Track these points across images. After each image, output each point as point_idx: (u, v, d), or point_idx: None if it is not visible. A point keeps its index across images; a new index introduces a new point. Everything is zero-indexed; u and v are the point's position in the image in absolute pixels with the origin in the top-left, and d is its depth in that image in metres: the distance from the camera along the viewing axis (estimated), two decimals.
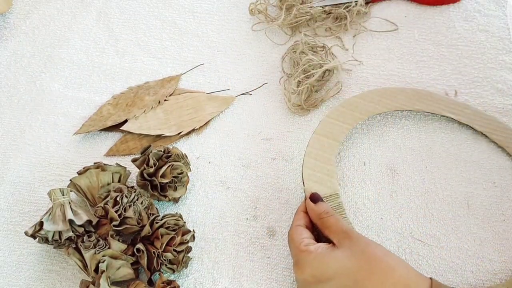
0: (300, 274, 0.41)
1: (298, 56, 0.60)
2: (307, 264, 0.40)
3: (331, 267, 0.39)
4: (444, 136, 0.55)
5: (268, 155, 0.56)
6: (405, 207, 0.51)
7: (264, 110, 0.59)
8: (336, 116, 0.52)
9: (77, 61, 0.66)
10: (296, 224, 0.44)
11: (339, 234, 0.41)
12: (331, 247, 0.41)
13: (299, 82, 0.58)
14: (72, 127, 0.59)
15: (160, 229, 0.46)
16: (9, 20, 0.70)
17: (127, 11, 0.70)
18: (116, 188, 0.48)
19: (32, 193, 0.55)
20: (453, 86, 0.58)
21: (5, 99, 0.63)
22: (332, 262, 0.39)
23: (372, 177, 0.53)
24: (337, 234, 0.41)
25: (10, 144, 0.59)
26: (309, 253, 0.40)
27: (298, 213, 0.46)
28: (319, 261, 0.40)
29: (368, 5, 0.65)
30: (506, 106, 0.56)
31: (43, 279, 0.49)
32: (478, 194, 0.51)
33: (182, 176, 0.51)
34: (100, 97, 0.62)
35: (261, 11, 0.66)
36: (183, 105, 0.60)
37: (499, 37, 0.60)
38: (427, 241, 0.48)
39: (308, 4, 0.64)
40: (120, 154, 0.57)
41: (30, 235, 0.47)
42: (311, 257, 0.40)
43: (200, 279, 0.48)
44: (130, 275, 0.46)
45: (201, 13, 0.69)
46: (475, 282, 0.46)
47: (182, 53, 0.65)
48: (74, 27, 0.69)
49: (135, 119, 0.59)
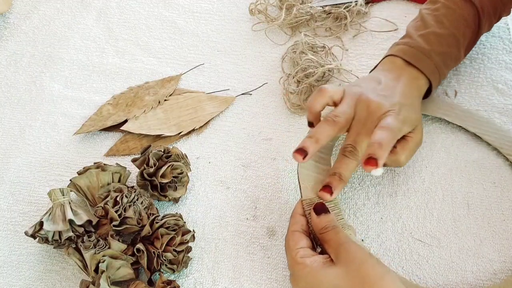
0: (295, 286, 0.41)
1: (298, 56, 0.60)
2: (301, 278, 0.40)
3: (323, 284, 0.39)
4: (444, 136, 0.55)
5: (268, 155, 0.56)
6: (405, 207, 0.51)
7: (264, 110, 0.59)
8: None
9: (77, 61, 0.66)
10: (293, 229, 0.43)
11: (336, 248, 0.40)
12: (327, 263, 0.40)
13: (299, 82, 0.58)
14: (72, 127, 0.59)
15: (160, 229, 0.46)
16: (9, 20, 0.70)
17: (127, 11, 0.70)
18: (116, 188, 0.48)
19: (32, 193, 0.55)
20: (453, 86, 0.58)
21: (5, 99, 0.63)
22: (325, 279, 0.39)
23: (372, 177, 0.53)
24: (334, 249, 0.40)
25: (10, 144, 0.59)
26: (304, 267, 0.40)
27: (293, 216, 0.45)
28: (313, 276, 0.39)
29: (368, 5, 0.65)
30: (506, 106, 0.56)
31: (43, 279, 0.49)
32: (478, 194, 0.51)
33: (182, 176, 0.51)
34: (100, 97, 0.62)
35: (261, 11, 0.66)
36: (183, 105, 0.60)
37: (499, 37, 0.60)
38: (427, 241, 0.48)
39: (308, 4, 0.64)
40: (120, 154, 0.57)
41: (30, 235, 0.47)
42: (306, 271, 0.40)
43: (200, 279, 0.48)
44: (130, 275, 0.46)
45: (201, 13, 0.69)
46: (475, 282, 0.46)
47: (182, 53, 0.65)
48: (74, 27, 0.69)
49: (135, 119, 0.59)
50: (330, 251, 0.41)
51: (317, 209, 0.43)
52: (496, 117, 0.55)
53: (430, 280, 0.47)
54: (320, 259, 0.40)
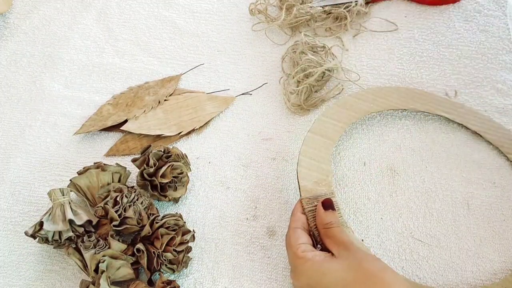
0: (296, 281, 0.41)
1: (298, 56, 0.60)
2: (303, 272, 0.40)
3: (326, 277, 0.39)
4: (444, 136, 0.55)
5: (268, 155, 0.56)
6: (405, 207, 0.51)
7: (264, 110, 0.59)
8: (331, 115, 0.52)
9: (77, 61, 0.66)
10: (293, 226, 0.44)
11: (339, 245, 0.41)
12: (329, 257, 0.40)
13: (299, 82, 0.58)
14: (72, 127, 0.59)
15: (160, 229, 0.46)
16: (9, 20, 0.70)
17: (127, 11, 0.70)
18: (116, 188, 0.48)
19: (32, 193, 0.55)
20: (453, 86, 0.58)
21: (5, 99, 0.63)
22: (328, 272, 0.39)
23: (372, 177, 0.53)
24: (337, 245, 0.41)
25: (10, 144, 0.59)
26: (306, 261, 0.40)
27: (294, 214, 0.45)
28: (315, 270, 0.39)
29: (368, 5, 0.65)
30: (506, 106, 0.56)
31: (43, 279, 0.49)
32: (478, 194, 0.51)
33: (182, 176, 0.51)
34: (100, 97, 0.62)
35: (261, 11, 0.66)
36: (183, 105, 0.60)
37: (499, 37, 0.60)
38: (427, 241, 0.48)
39: (308, 4, 0.64)
40: (120, 154, 0.57)
41: (30, 235, 0.47)
42: (308, 265, 0.40)
43: (200, 279, 0.48)
44: (130, 275, 0.46)
45: (201, 13, 0.69)
46: (475, 282, 0.46)
47: (182, 53, 0.65)
48: (74, 27, 0.69)
49: (135, 119, 0.59)
50: (331, 247, 0.41)
51: (325, 204, 0.44)
52: (496, 117, 0.55)
53: (430, 280, 0.47)
54: (322, 253, 0.41)
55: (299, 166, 0.48)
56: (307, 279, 0.40)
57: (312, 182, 0.47)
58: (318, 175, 0.47)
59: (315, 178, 0.47)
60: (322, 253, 0.41)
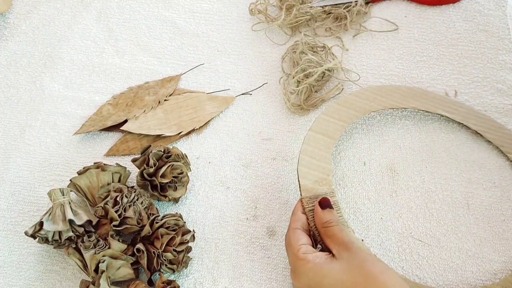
0: (296, 282, 0.41)
1: (298, 56, 0.60)
2: (303, 274, 0.40)
3: (327, 279, 0.39)
4: (444, 136, 0.55)
5: (268, 155, 0.56)
6: (405, 207, 0.51)
7: (264, 110, 0.59)
8: (331, 114, 0.52)
9: (77, 61, 0.66)
10: (293, 226, 0.44)
11: (339, 245, 0.41)
12: (329, 258, 0.40)
13: (299, 82, 0.58)
14: (72, 127, 0.59)
15: (160, 229, 0.46)
16: (9, 20, 0.70)
17: (127, 11, 0.70)
18: (116, 188, 0.48)
19: (32, 193, 0.55)
20: (453, 86, 0.58)
21: (5, 99, 0.63)
22: (328, 274, 0.39)
23: (372, 177, 0.53)
24: (337, 245, 0.41)
25: (10, 144, 0.59)
26: (307, 262, 0.40)
27: (294, 213, 0.45)
28: (316, 271, 0.39)
29: (368, 5, 0.65)
30: (506, 106, 0.56)
31: (43, 279, 0.49)
32: (478, 194, 0.51)
33: (182, 176, 0.51)
34: (100, 97, 0.62)
35: (261, 11, 0.66)
36: (183, 105, 0.60)
37: (499, 37, 0.60)
38: (427, 241, 0.48)
39: (308, 4, 0.64)
40: (120, 154, 0.57)
41: (30, 235, 0.47)
42: (308, 266, 0.40)
43: (200, 279, 0.48)
44: (130, 275, 0.46)
45: (201, 13, 0.69)
46: (475, 282, 0.46)
47: (182, 53, 0.65)
48: (74, 27, 0.69)
49: (135, 119, 0.59)
50: (331, 246, 0.41)
51: (322, 204, 0.44)
52: (496, 117, 0.55)
53: (430, 280, 0.47)
54: (322, 255, 0.41)
55: (299, 165, 0.47)
56: (307, 280, 0.40)
57: (313, 181, 0.47)
58: (318, 174, 0.47)
59: (315, 177, 0.47)
60: (322, 255, 0.41)
